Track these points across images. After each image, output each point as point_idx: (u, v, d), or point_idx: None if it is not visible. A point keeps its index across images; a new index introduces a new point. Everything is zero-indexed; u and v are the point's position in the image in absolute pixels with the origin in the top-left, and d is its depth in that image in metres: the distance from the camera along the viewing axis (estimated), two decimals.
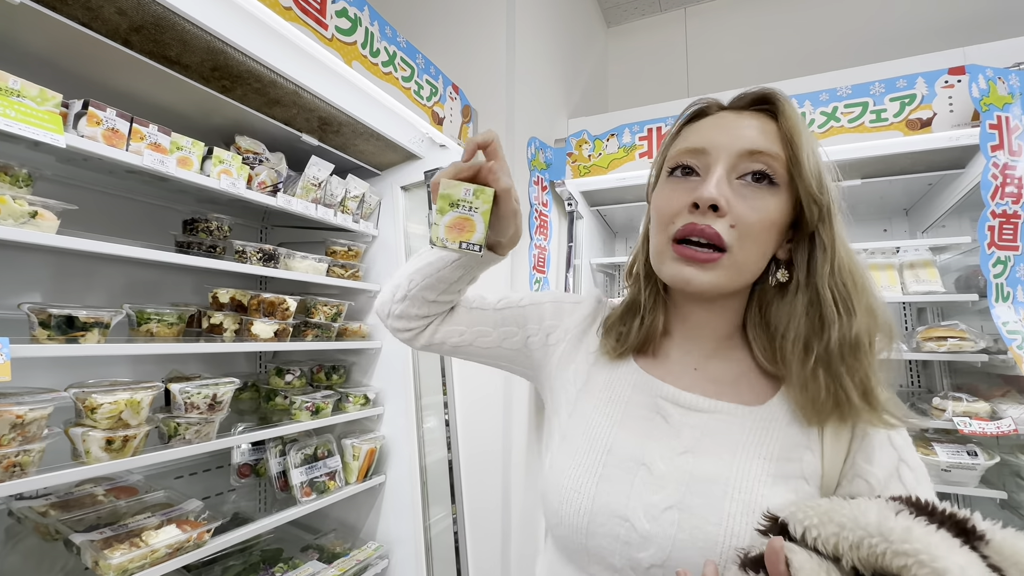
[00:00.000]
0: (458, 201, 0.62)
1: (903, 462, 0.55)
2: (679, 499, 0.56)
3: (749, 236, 0.57)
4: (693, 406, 0.62)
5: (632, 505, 0.57)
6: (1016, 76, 1.48)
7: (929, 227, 2.06)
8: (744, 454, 0.57)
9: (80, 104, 1.09)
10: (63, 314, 1.06)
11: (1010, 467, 1.63)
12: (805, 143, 0.58)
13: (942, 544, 0.37)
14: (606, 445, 0.63)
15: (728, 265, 0.58)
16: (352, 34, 1.29)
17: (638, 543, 0.56)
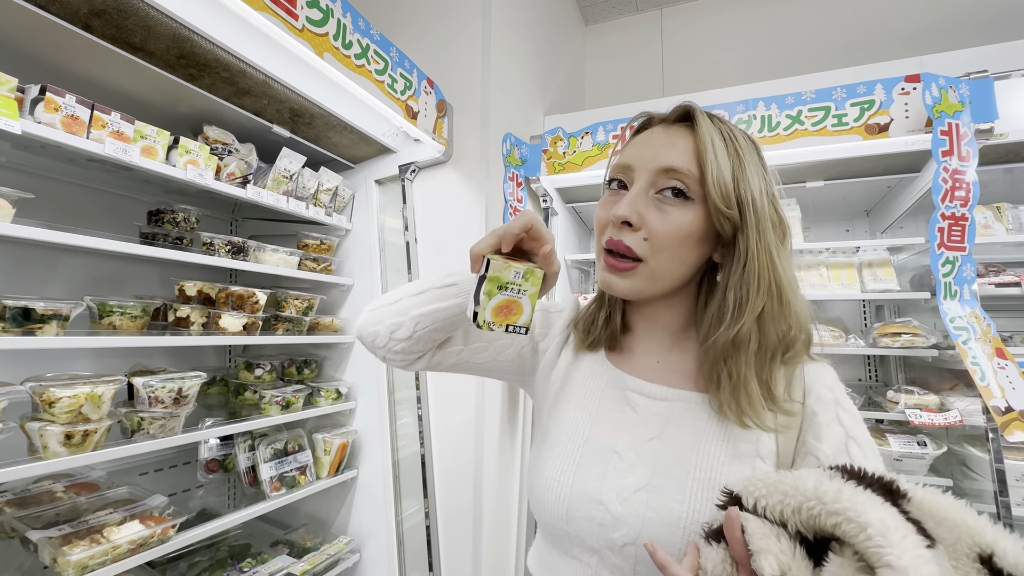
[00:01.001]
0: (507, 284, 0.59)
1: (851, 439, 0.60)
2: (647, 482, 0.61)
3: (662, 247, 0.62)
4: (658, 396, 0.67)
5: (606, 490, 0.62)
6: (966, 85, 1.56)
7: (888, 228, 2.15)
8: (704, 437, 0.62)
9: (37, 89, 1.06)
10: (19, 306, 1.03)
11: (956, 456, 1.72)
12: (712, 161, 0.61)
13: (867, 502, 0.41)
14: (583, 437, 0.68)
15: (645, 274, 0.64)
16: (323, 25, 1.28)
17: (612, 524, 0.60)
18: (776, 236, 0.63)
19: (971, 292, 1.53)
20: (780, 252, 0.63)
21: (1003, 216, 1.76)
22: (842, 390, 0.64)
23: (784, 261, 0.63)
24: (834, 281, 1.92)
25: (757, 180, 0.63)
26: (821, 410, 0.61)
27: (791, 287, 0.62)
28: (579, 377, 0.75)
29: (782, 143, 1.79)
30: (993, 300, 1.73)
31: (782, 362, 0.63)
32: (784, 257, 0.63)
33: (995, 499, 1.44)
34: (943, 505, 0.43)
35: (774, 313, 0.61)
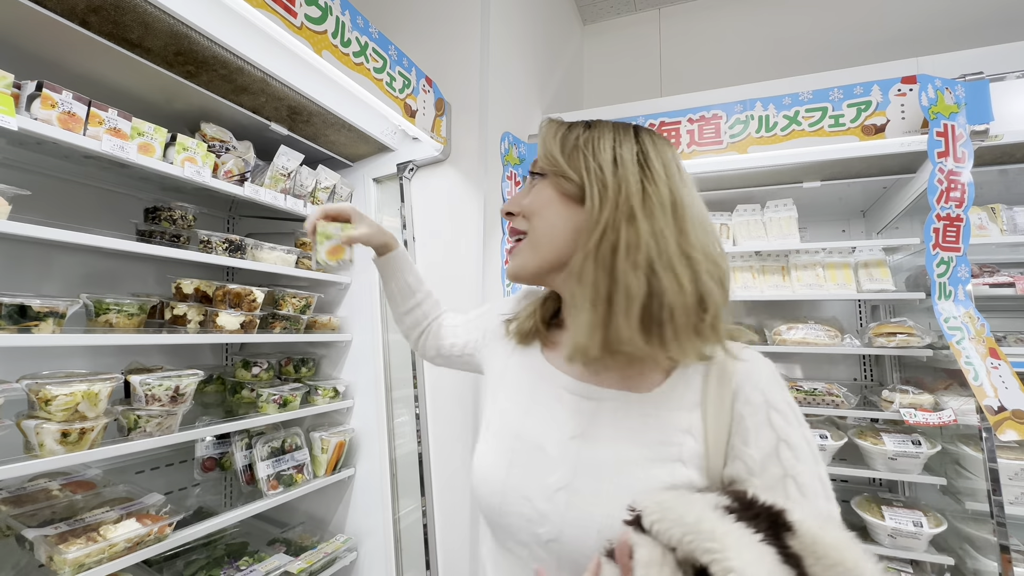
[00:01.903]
0: (331, 235, 0.94)
1: (783, 442, 0.58)
2: (568, 481, 0.62)
3: (531, 214, 0.70)
4: (585, 394, 0.68)
5: (532, 486, 0.64)
6: (962, 87, 1.57)
7: (883, 228, 2.16)
8: (625, 440, 0.63)
9: (33, 85, 1.05)
10: (15, 303, 1.03)
11: (950, 455, 1.73)
12: (541, 141, 0.71)
13: (739, 542, 0.41)
14: (515, 431, 0.70)
15: (525, 244, 0.71)
16: (322, 23, 1.28)
17: (538, 520, 0.62)
18: (642, 195, 0.62)
19: (965, 292, 1.54)
20: (650, 213, 0.61)
21: (998, 217, 1.78)
22: (777, 389, 0.62)
23: (659, 225, 0.61)
24: (830, 281, 1.93)
25: (610, 147, 0.65)
26: (749, 414, 0.60)
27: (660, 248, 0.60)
28: (516, 371, 0.77)
29: (779, 143, 1.80)
30: (987, 300, 1.74)
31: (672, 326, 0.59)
32: (659, 221, 0.61)
33: (988, 498, 1.45)
34: (826, 541, 0.43)
35: (623, 259, 0.60)
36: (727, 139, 1.88)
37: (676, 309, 0.59)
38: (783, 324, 1.94)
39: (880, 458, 1.73)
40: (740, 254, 2.11)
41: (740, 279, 2.05)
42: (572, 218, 0.66)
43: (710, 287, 0.60)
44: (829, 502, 0.58)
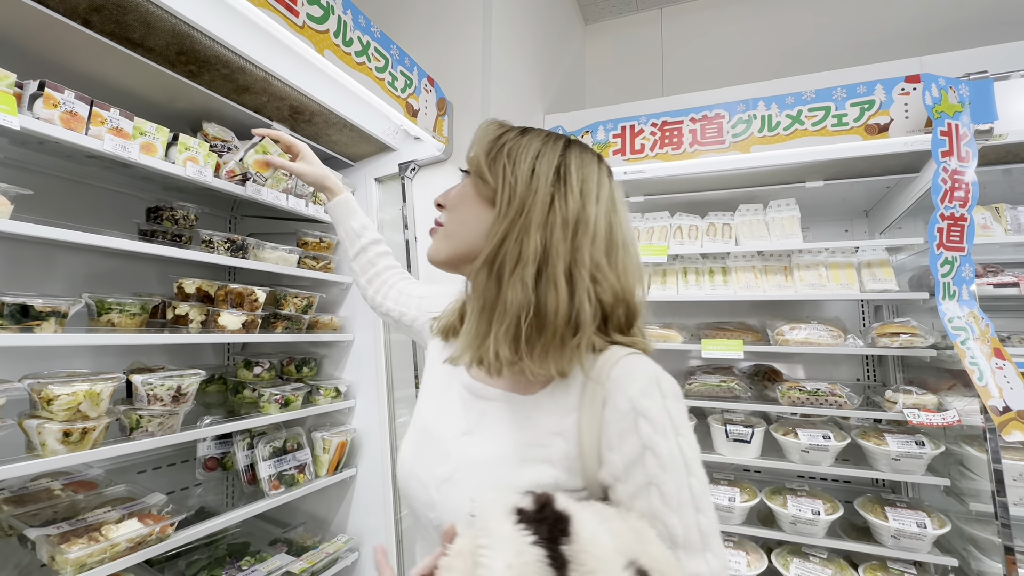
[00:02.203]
0: (268, 152, 1.19)
1: (648, 449, 0.59)
2: (451, 474, 0.67)
3: (451, 208, 0.75)
4: (479, 393, 0.73)
5: (427, 474, 0.70)
6: (966, 86, 1.56)
7: (886, 228, 2.15)
8: (503, 440, 0.67)
9: (36, 85, 1.05)
10: (17, 302, 1.03)
11: (954, 456, 1.72)
12: (475, 143, 0.73)
13: (504, 543, 0.46)
14: (424, 422, 0.77)
15: (440, 233, 0.76)
16: (324, 22, 1.27)
17: (429, 505, 0.68)
18: (545, 212, 0.64)
19: (969, 292, 1.54)
20: (549, 230, 0.64)
21: (1002, 217, 1.77)
22: (653, 398, 0.61)
23: (555, 241, 0.63)
24: (833, 281, 1.92)
25: (531, 160, 0.67)
26: (614, 420, 0.61)
27: (547, 264, 0.63)
28: (438, 366, 0.82)
29: (782, 143, 1.80)
30: (991, 300, 1.74)
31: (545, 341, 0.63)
32: (555, 237, 0.63)
33: (993, 499, 1.45)
34: (594, 551, 0.46)
35: (510, 272, 0.64)
36: (729, 139, 1.88)
37: (547, 327, 0.62)
38: (786, 324, 1.93)
39: (883, 459, 1.72)
40: (743, 254, 2.11)
41: (743, 279, 2.04)
42: (483, 219, 0.70)
43: (585, 307, 0.63)
44: (699, 513, 0.58)
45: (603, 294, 0.65)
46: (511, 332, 0.63)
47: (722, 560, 0.58)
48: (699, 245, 2.09)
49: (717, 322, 2.18)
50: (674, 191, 2.23)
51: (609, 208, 0.69)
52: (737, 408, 1.97)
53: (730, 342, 1.91)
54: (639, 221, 2.28)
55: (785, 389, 1.87)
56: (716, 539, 0.59)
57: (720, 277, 2.09)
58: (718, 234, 2.10)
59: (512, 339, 0.63)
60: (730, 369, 2.18)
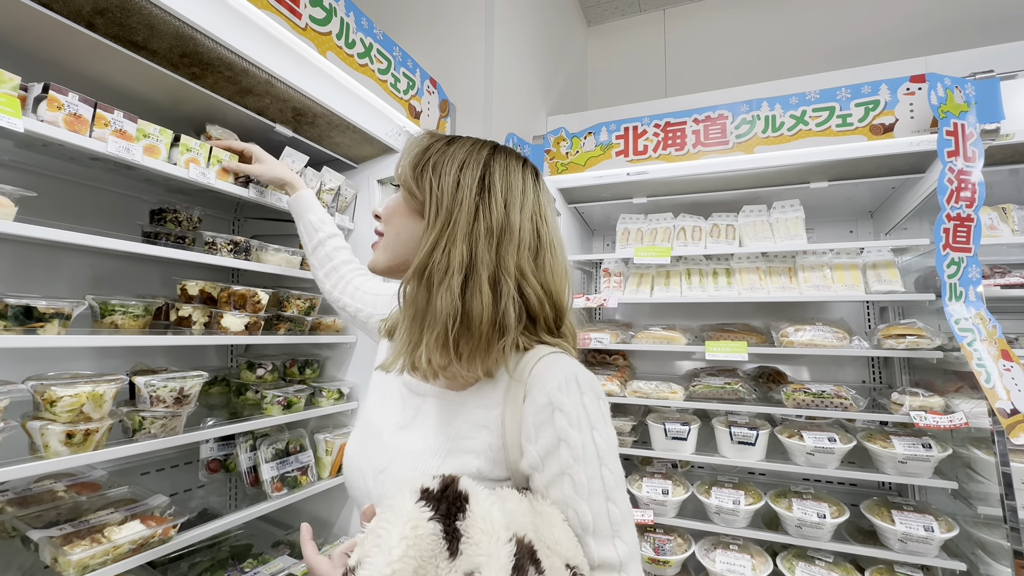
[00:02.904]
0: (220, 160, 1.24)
1: (563, 441, 0.63)
2: (387, 465, 0.72)
3: (386, 220, 0.78)
4: (415, 390, 0.78)
5: (366, 465, 0.74)
6: (972, 85, 1.55)
7: (892, 229, 2.14)
8: (434, 432, 0.72)
9: (40, 87, 1.06)
10: (21, 304, 1.03)
11: (961, 459, 1.71)
12: (403, 154, 0.76)
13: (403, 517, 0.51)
14: (368, 417, 0.82)
15: (380, 245, 0.79)
16: (327, 24, 1.28)
17: (366, 495, 0.73)
18: (470, 223, 0.68)
19: (976, 293, 1.52)
20: (473, 240, 0.68)
21: (1009, 217, 1.75)
22: (570, 394, 0.65)
23: (479, 250, 0.68)
24: (838, 282, 1.91)
25: (455, 172, 0.70)
26: (532, 413, 0.66)
27: (473, 273, 0.67)
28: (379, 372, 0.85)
29: (786, 143, 1.79)
30: (999, 301, 1.72)
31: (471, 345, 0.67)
32: (479, 246, 0.68)
33: (1001, 502, 1.43)
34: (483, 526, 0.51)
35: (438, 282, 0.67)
36: (733, 139, 1.87)
37: (474, 333, 0.66)
38: (790, 326, 1.92)
39: (890, 461, 1.70)
40: (747, 255, 2.10)
41: (747, 280, 2.03)
42: (414, 231, 0.74)
43: (510, 312, 0.67)
44: (610, 502, 0.63)
45: (529, 297, 0.69)
46: (441, 339, 0.66)
47: (632, 547, 0.63)
48: (703, 246, 2.09)
49: (721, 324, 2.17)
50: (677, 192, 2.22)
51: (535, 212, 0.73)
52: (741, 410, 1.95)
53: (734, 344, 1.89)
54: (643, 223, 2.27)
55: (790, 391, 1.86)
56: (627, 527, 0.63)
57: (724, 278, 2.08)
58: (722, 235, 2.09)
59: (442, 346, 0.66)
60: (734, 371, 2.17)
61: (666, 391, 2.02)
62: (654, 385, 2.05)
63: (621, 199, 2.32)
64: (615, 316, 2.66)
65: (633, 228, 2.27)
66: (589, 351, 2.48)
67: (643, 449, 2.05)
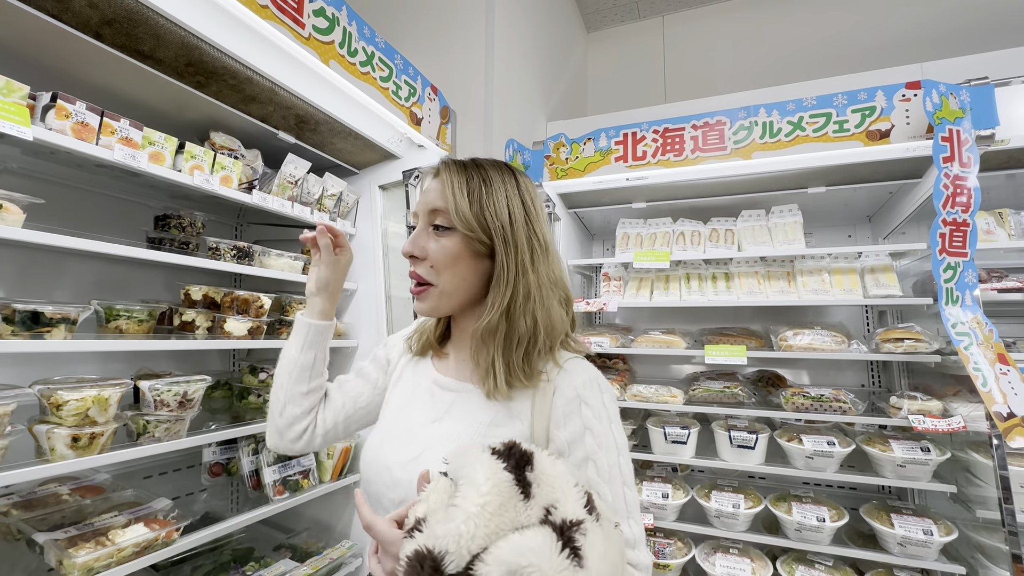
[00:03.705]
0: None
1: (588, 430, 0.72)
2: (419, 453, 0.75)
3: (442, 268, 0.78)
4: (448, 387, 0.82)
5: (392, 459, 0.77)
6: (967, 92, 1.57)
7: (890, 233, 2.15)
8: (469, 420, 0.77)
9: (48, 96, 1.08)
10: (28, 309, 1.05)
11: (960, 462, 1.71)
12: (451, 199, 0.76)
13: (482, 466, 0.57)
14: (393, 418, 0.85)
15: (435, 293, 0.79)
16: (330, 33, 1.30)
17: (392, 486, 0.75)
18: (530, 248, 0.77)
19: (973, 298, 1.53)
20: (535, 261, 0.77)
21: (1005, 222, 1.77)
22: (594, 391, 0.75)
23: (540, 269, 0.77)
24: (836, 286, 1.92)
25: (505, 204, 0.77)
26: (561, 404, 0.74)
27: (541, 291, 0.77)
28: (408, 377, 0.89)
29: (784, 149, 1.80)
30: (995, 306, 1.73)
31: (537, 353, 0.76)
32: (540, 265, 0.77)
33: (999, 505, 1.43)
34: (553, 474, 0.58)
35: (519, 309, 0.75)
36: (731, 145, 1.89)
37: (539, 343, 0.76)
38: (789, 330, 1.93)
39: (889, 465, 1.71)
40: (745, 260, 2.11)
41: (746, 285, 2.04)
42: (480, 270, 0.79)
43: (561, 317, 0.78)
44: (626, 487, 0.72)
45: (565, 302, 0.80)
46: (524, 354, 0.75)
47: (641, 531, 0.72)
48: (702, 251, 2.10)
49: (720, 328, 2.18)
50: (676, 197, 2.24)
51: (545, 220, 0.81)
52: (741, 414, 1.96)
53: (733, 348, 1.90)
54: (642, 227, 2.29)
55: (789, 395, 1.86)
56: (638, 511, 0.72)
57: (723, 283, 2.09)
58: (721, 240, 2.10)
59: (526, 360, 0.75)
60: (734, 375, 2.18)
61: (666, 395, 2.03)
62: (654, 389, 2.06)
63: (621, 204, 2.33)
64: (615, 320, 2.67)
65: (633, 233, 2.29)
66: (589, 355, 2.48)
67: (643, 453, 2.06)
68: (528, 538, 0.51)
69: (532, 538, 0.51)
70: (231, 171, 1.44)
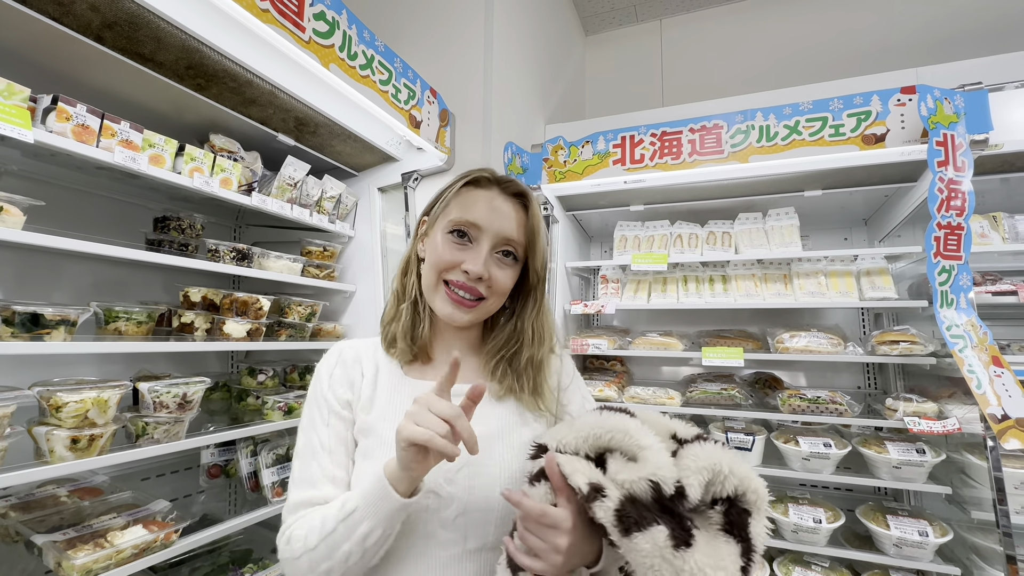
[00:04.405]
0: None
1: (584, 398, 0.92)
2: (466, 459, 0.73)
3: (497, 292, 0.82)
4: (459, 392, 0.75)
5: (433, 478, 0.71)
6: (961, 97, 1.58)
7: (885, 237, 2.16)
8: (501, 412, 0.82)
9: (49, 99, 1.08)
10: (28, 311, 1.05)
11: (955, 464, 1.72)
12: (540, 236, 0.84)
13: (623, 420, 0.67)
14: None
15: (482, 309, 0.82)
16: (330, 37, 1.30)
17: (443, 504, 0.73)
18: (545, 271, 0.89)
19: (967, 300, 1.54)
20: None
21: (999, 225, 1.78)
22: (576, 371, 0.96)
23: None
24: (832, 289, 1.93)
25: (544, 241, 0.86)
26: (567, 384, 0.90)
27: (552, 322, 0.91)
28: (384, 399, 0.81)
29: (780, 152, 1.82)
30: (990, 308, 1.74)
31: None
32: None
33: (994, 507, 1.44)
34: (651, 415, 0.72)
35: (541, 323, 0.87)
36: (728, 148, 1.90)
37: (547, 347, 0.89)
38: (786, 332, 1.94)
39: (884, 467, 1.72)
40: (742, 262, 2.12)
41: (743, 287, 2.06)
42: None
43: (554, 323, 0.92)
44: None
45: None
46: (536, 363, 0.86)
47: None
48: (699, 253, 2.11)
49: (717, 330, 2.19)
50: (674, 200, 2.25)
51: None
52: (738, 416, 1.97)
53: (730, 350, 1.91)
54: (640, 230, 2.30)
55: (786, 397, 1.87)
56: None
57: (720, 285, 2.10)
58: (718, 242, 2.12)
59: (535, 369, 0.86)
60: (731, 377, 2.19)
61: (663, 397, 2.04)
62: (651, 391, 2.07)
63: (618, 207, 2.34)
64: (613, 322, 2.67)
65: (630, 235, 2.30)
66: (587, 357, 2.49)
67: None
68: (701, 449, 0.64)
69: (702, 448, 0.64)
70: (231, 173, 1.45)
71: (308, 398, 0.84)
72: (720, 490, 0.61)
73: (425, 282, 0.84)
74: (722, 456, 0.62)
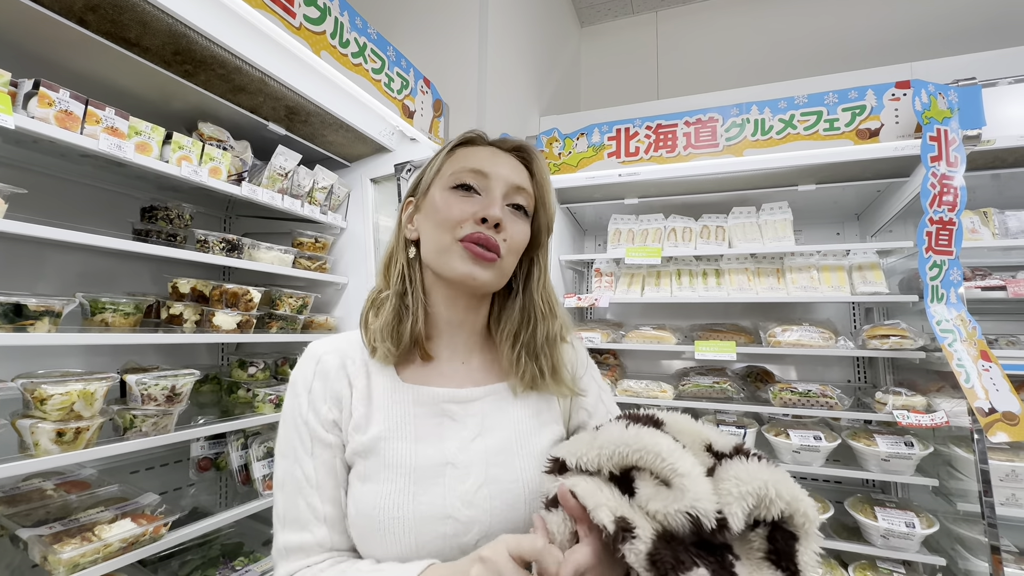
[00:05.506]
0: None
1: (601, 389, 0.85)
2: (484, 476, 0.67)
3: (512, 250, 0.72)
4: (471, 398, 0.73)
5: (450, 501, 0.65)
6: (955, 92, 1.59)
7: (877, 231, 2.18)
8: (517, 418, 0.74)
9: (31, 84, 1.05)
10: (10, 302, 1.03)
11: (942, 456, 1.74)
12: (550, 187, 0.77)
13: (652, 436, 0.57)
14: (411, 464, 0.66)
15: (498, 268, 0.70)
16: (321, 23, 1.28)
17: (463, 530, 0.64)
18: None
19: (957, 295, 1.56)
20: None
21: (990, 221, 1.80)
22: (590, 361, 0.87)
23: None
24: (824, 283, 1.94)
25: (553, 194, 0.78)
26: (582, 375, 0.82)
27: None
28: (381, 413, 0.69)
29: (775, 146, 1.82)
30: (979, 303, 1.76)
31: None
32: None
33: (980, 499, 1.47)
34: (682, 423, 0.64)
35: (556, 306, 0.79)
36: (723, 142, 1.90)
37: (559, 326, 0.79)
38: (778, 326, 1.95)
39: (873, 459, 1.74)
40: (736, 256, 2.12)
41: (736, 281, 2.06)
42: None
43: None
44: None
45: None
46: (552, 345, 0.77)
47: None
48: (693, 247, 2.11)
49: (710, 324, 2.20)
50: (668, 193, 2.25)
51: None
52: (729, 409, 1.98)
53: (723, 344, 1.92)
54: (634, 223, 2.30)
55: (777, 390, 1.89)
56: None
57: (713, 279, 2.11)
58: (711, 236, 2.12)
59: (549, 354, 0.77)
60: (723, 370, 2.20)
61: (656, 390, 2.04)
62: (644, 384, 2.08)
63: (613, 200, 2.34)
64: (606, 316, 2.68)
65: (624, 229, 2.30)
66: None
67: None
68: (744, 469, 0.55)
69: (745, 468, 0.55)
70: (220, 162, 1.42)
71: (285, 416, 0.72)
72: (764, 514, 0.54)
73: (431, 250, 0.71)
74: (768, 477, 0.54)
